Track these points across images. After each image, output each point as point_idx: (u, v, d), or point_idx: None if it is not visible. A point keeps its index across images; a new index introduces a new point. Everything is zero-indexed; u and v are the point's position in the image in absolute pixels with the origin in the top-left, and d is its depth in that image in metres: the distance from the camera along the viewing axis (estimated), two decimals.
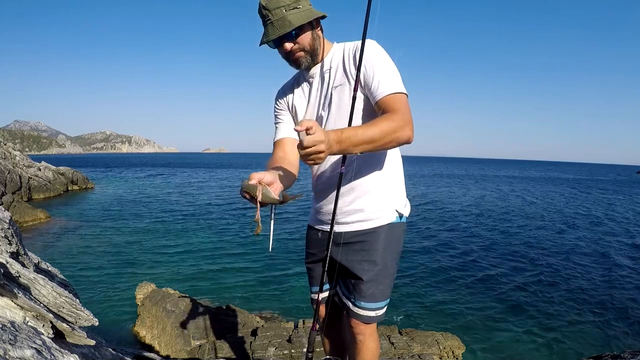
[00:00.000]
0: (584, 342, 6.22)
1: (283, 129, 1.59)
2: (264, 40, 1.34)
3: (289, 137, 1.57)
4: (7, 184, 18.26)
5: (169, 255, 10.47)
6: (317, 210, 1.62)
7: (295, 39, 1.35)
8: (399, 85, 1.33)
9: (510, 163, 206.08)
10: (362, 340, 1.57)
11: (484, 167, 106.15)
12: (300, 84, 1.56)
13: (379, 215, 1.50)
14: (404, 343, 4.18)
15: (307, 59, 1.40)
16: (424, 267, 9.68)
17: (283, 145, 1.55)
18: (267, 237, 1.28)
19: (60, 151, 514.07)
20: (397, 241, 1.54)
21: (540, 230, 15.00)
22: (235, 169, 63.18)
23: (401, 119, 1.25)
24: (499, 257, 10.87)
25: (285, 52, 1.38)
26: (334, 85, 1.43)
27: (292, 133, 1.56)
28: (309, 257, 1.71)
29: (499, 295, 7.97)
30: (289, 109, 1.59)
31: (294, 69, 1.47)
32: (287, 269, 9.37)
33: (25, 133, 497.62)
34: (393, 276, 1.56)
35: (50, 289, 1.31)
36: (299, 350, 3.87)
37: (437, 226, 15.08)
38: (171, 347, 4.92)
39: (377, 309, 1.53)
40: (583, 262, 10.55)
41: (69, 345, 1.24)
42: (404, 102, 1.31)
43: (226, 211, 18.25)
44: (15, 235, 1.65)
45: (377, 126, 1.21)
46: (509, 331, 6.51)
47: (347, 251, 1.52)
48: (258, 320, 5.32)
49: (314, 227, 1.67)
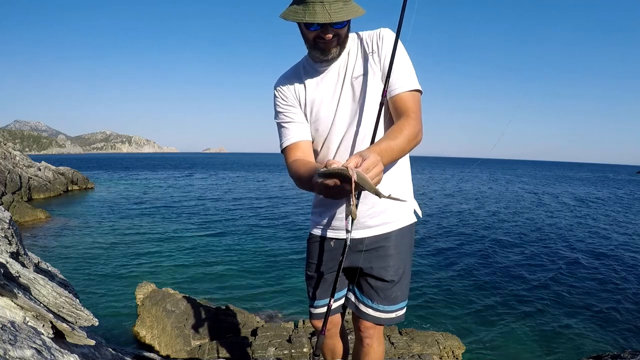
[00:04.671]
0: (584, 342, 6.21)
1: (295, 130, 1.41)
2: (307, 19, 1.16)
3: (305, 141, 1.40)
4: (7, 184, 18.26)
5: (169, 255, 10.46)
6: (332, 217, 1.48)
7: (339, 29, 1.24)
8: (416, 82, 1.31)
9: (510, 163, 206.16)
10: (369, 344, 1.55)
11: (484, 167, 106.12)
12: (311, 75, 1.40)
13: (400, 217, 1.47)
14: (404, 343, 4.18)
15: (337, 49, 1.30)
16: (424, 267, 9.68)
17: (298, 149, 1.38)
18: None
19: (60, 151, 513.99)
20: (413, 241, 1.54)
21: (540, 230, 14.99)
22: (235, 169, 63.17)
23: (418, 122, 1.25)
24: (499, 257, 10.87)
25: (321, 38, 1.24)
26: (354, 76, 1.35)
27: (307, 135, 1.41)
28: (317, 268, 1.55)
29: (499, 296, 7.96)
30: (299, 103, 1.42)
31: (292, 61, 1.40)
32: (287, 269, 9.37)
33: (25, 133, 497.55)
34: (410, 275, 1.55)
35: (50, 289, 1.31)
36: (299, 350, 3.87)
37: (436, 226, 15.08)
38: (171, 347, 4.92)
39: (398, 309, 1.51)
40: (583, 262, 10.54)
41: (69, 345, 1.24)
42: (418, 101, 1.30)
43: (226, 211, 18.25)
44: (15, 235, 1.65)
45: (403, 135, 1.19)
46: (509, 331, 6.51)
47: (369, 256, 1.45)
48: (258, 320, 5.32)
49: (325, 236, 1.52)
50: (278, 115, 1.44)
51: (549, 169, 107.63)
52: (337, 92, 1.38)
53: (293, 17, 1.18)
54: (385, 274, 1.45)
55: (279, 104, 1.44)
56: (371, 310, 1.49)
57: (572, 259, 10.77)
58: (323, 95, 1.39)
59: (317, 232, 1.55)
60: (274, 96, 1.46)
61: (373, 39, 1.35)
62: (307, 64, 1.42)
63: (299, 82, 1.42)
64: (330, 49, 1.28)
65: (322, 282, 1.55)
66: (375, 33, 1.35)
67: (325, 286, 1.54)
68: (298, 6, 1.18)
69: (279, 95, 1.44)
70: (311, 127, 1.43)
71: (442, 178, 46.38)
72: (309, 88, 1.41)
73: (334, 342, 1.71)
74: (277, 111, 1.45)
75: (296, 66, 1.46)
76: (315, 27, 1.21)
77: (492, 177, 51.77)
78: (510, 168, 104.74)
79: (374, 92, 1.34)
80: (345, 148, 1.39)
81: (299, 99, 1.42)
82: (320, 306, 1.56)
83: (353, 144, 1.38)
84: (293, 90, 1.42)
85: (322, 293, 1.56)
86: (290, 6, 1.22)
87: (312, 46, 1.30)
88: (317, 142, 1.45)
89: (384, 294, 1.46)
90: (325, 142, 1.43)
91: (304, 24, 1.23)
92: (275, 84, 1.47)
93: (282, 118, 1.43)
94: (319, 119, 1.41)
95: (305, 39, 1.30)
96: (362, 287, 1.51)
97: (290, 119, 1.41)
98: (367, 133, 1.35)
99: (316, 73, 1.40)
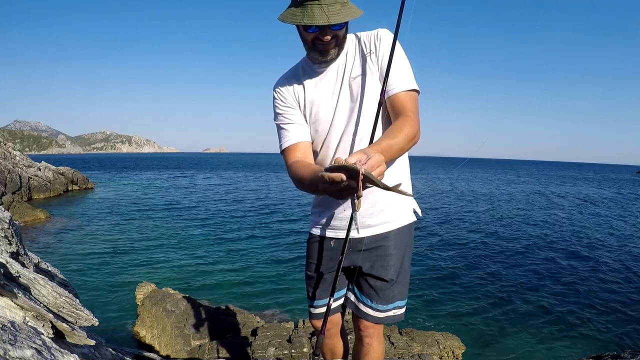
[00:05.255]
0: (584, 342, 6.22)
1: (294, 131, 1.41)
2: (306, 21, 1.16)
3: (304, 142, 1.40)
4: (7, 184, 18.26)
5: (169, 255, 10.46)
6: (332, 217, 1.49)
7: (338, 31, 1.25)
8: (413, 82, 1.32)
9: (508, 163, 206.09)
10: (369, 344, 1.55)
11: (482, 167, 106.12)
12: (309, 76, 1.41)
13: (399, 216, 1.48)
14: (404, 343, 4.18)
15: (336, 50, 1.31)
16: (424, 267, 9.68)
17: (298, 150, 1.38)
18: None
19: (60, 151, 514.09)
20: (412, 240, 1.55)
21: (540, 230, 14.98)
22: (235, 169, 63.15)
23: (416, 122, 1.25)
24: (500, 256, 10.86)
25: (320, 40, 1.25)
26: (353, 77, 1.36)
27: (306, 136, 1.42)
28: (317, 268, 1.56)
29: (499, 296, 7.96)
30: (299, 104, 1.43)
31: (291, 61, 1.41)
32: (287, 269, 9.37)
33: (25, 133, 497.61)
34: (409, 274, 1.56)
35: (50, 289, 1.31)
36: (299, 350, 3.87)
37: (436, 225, 15.08)
38: (171, 347, 4.92)
39: (398, 308, 1.51)
40: (584, 262, 10.54)
41: (69, 345, 1.24)
42: (416, 100, 1.31)
43: (227, 211, 18.25)
44: (15, 235, 1.65)
45: (403, 134, 1.19)
46: (509, 331, 6.51)
47: (369, 255, 1.46)
48: (258, 320, 5.32)
49: (324, 236, 1.53)
50: (277, 116, 1.44)
51: (551, 169, 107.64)
52: (336, 93, 1.38)
53: (291, 20, 1.19)
54: (385, 273, 1.45)
55: (278, 105, 1.44)
56: (371, 309, 1.49)
57: (573, 259, 10.77)
58: (322, 95, 1.40)
59: (316, 232, 1.56)
60: (273, 97, 1.46)
61: (371, 39, 1.36)
62: (306, 65, 1.42)
63: (298, 83, 1.43)
64: (329, 50, 1.29)
65: (321, 282, 1.56)
66: (373, 34, 1.36)
67: (325, 286, 1.55)
68: (296, 9, 1.19)
69: (278, 97, 1.44)
70: (310, 127, 1.44)
71: (442, 178, 46.38)
72: (308, 89, 1.41)
73: (333, 342, 1.71)
74: (277, 112, 1.45)
75: (295, 67, 1.47)
76: (313, 29, 1.22)
77: (492, 178, 51.76)
78: (512, 168, 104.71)
79: (372, 92, 1.35)
80: (344, 148, 1.40)
81: (298, 100, 1.43)
82: (320, 306, 1.57)
83: (352, 143, 1.39)
84: (292, 92, 1.43)
85: (322, 293, 1.56)
86: (289, 9, 1.22)
87: (310, 48, 1.30)
88: (317, 142, 1.45)
89: (383, 294, 1.47)
90: (324, 142, 1.43)
91: (302, 27, 1.23)
92: (275, 86, 1.47)
93: (281, 119, 1.43)
94: (318, 120, 1.41)
95: (304, 41, 1.31)
96: (362, 286, 1.51)
97: (290, 120, 1.41)
98: (366, 133, 1.36)
99: (315, 74, 1.40)
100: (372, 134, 1.31)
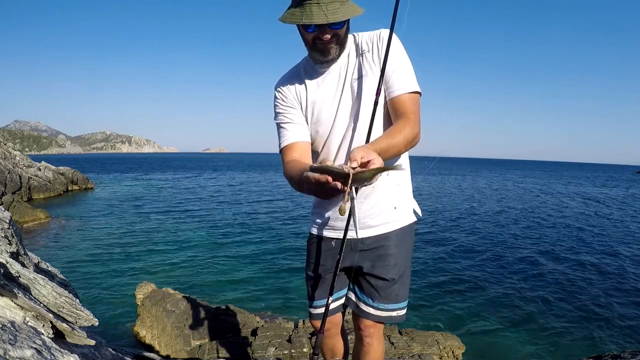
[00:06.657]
0: (584, 342, 6.21)
1: (293, 131, 1.40)
2: (304, 20, 1.16)
3: (302, 142, 1.40)
4: (7, 184, 18.26)
5: (169, 255, 10.46)
6: (332, 217, 1.49)
7: (338, 30, 1.24)
8: (415, 84, 1.32)
9: (507, 163, 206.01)
10: (369, 343, 1.55)
11: (484, 167, 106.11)
12: (311, 76, 1.40)
13: (400, 217, 1.48)
14: (404, 343, 4.18)
15: (337, 50, 1.30)
16: (424, 266, 9.67)
17: (295, 150, 1.38)
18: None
19: (60, 151, 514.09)
20: (413, 240, 1.56)
21: (540, 230, 14.98)
22: (235, 169, 63.16)
23: (417, 124, 1.26)
24: (500, 256, 10.86)
25: (320, 39, 1.25)
26: (355, 78, 1.36)
27: (305, 136, 1.41)
28: (317, 268, 1.55)
29: (499, 296, 7.96)
30: (300, 104, 1.42)
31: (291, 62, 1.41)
32: (287, 269, 9.37)
33: (25, 133, 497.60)
34: (410, 274, 1.57)
35: (50, 289, 1.31)
36: (299, 350, 3.87)
37: (436, 225, 15.08)
38: (171, 347, 4.92)
39: (399, 308, 1.52)
40: (584, 262, 10.53)
41: (69, 345, 1.24)
42: (417, 102, 1.31)
43: (227, 211, 18.24)
44: (15, 235, 1.65)
45: (403, 135, 1.21)
46: (509, 331, 6.51)
47: (370, 255, 1.46)
48: (258, 320, 5.32)
49: (325, 236, 1.53)
50: (277, 116, 1.44)
51: (552, 169, 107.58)
52: (338, 94, 1.38)
53: (290, 20, 1.19)
54: (385, 273, 1.46)
55: (279, 104, 1.44)
56: (372, 309, 1.49)
57: (573, 259, 10.75)
58: (324, 96, 1.39)
59: (317, 232, 1.55)
60: (274, 97, 1.46)
61: (373, 40, 1.35)
62: (308, 65, 1.41)
63: (299, 83, 1.42)
64: (330, 49, 1.28)
65: (321, 282, 1.56)
66: (375, 34, 1.36)
67: (324, 286, 1.54)
68: (295, 9, 1.19)
69: (280, 96, 1.44)
70: (311, 128, 1.43)
71: (440, 178, 46.37)
72: (309, 89, 1.40)
73: (333, 341, 1.71)
74: (277, 112, 1.44)
75: (296, 67, 1.46)
76: (312, 29, 1.22)
77: (494, 177, 51.75)
78: (514, 168, 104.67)
79: (374, 94, 1.34)
80: (346, 149, 1.39)
81: (299, 101, 1.42)
82: (319, 306, 1.57)
83: (353, 145, 1.38)
84: (294, 92, 1.42)
85: (322, 293, 1.56)
86: (289, 9, 1.23)
87: (311, 48, 1.30)
88: (318, 143, 1.45)
89: (384, 293, 1.47)
90: (325, 144, 1.43)
91: (302, 26, 1.23)
92: (276, 85, 1.46)
93: (281, 119, 1.43)
94: (319, 121, 1.41)
95: (305, 40, 1.30)
96: (363, 286, 1.52)
97: (290, 120, 1.41)
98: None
99: (317, 74, 1.39)
100: (368, 134, 1.31)
